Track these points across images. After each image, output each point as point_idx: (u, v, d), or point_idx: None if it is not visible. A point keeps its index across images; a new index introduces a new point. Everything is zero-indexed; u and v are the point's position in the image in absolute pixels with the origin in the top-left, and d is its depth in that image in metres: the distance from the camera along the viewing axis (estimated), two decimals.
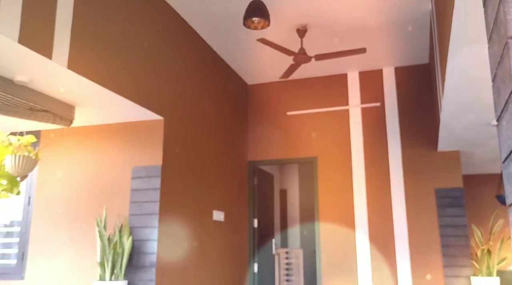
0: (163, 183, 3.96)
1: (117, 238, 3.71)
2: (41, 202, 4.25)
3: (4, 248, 4.36)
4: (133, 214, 3.90)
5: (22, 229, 4.28)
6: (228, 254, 5.20)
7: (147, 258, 3.78)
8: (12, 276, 4.17)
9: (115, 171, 4.09)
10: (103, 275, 3.63)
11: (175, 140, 4.25)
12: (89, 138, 4.26)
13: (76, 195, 4.16)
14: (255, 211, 5.94)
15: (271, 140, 6.09)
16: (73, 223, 4.09)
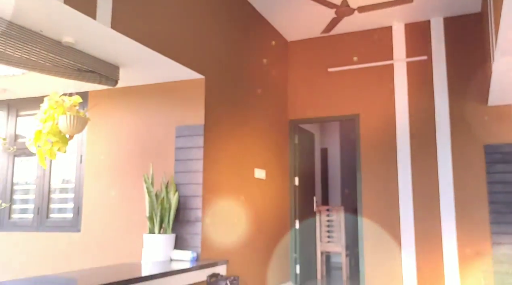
0: (206, 142, 4.04)
1: (164, 194, 3.87)
2: (92, 160, 4.46)
3: (61, 203, 4.67)
4: (178, 172, 4.03)
5: (76, 186, 4.54)
6: (270, 210, 5.31)
7: (193, 213, 3.93)
8: (69, 229, 4.48)
9: (160, 130, 4.20)
10: (152, 228, 3.83)
11: (216, 99, 4.28)
12: (134, 98, 4.37)
13: (123, 153, 4.34)
14: (296, 169, 5.98)
15: (312, 98, 6.01)
16: (122, 180, 4.28)
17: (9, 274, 4.41)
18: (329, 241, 6.29)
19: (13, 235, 4.69)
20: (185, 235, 3.91)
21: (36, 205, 4.70)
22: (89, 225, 4.35)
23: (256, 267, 4.80)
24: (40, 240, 4.53)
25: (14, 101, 4.84)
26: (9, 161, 4.83)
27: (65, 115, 3.02)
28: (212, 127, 4.17)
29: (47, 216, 4.64)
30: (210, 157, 4.09)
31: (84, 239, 4.33)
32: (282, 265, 5.52)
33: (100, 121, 4.44)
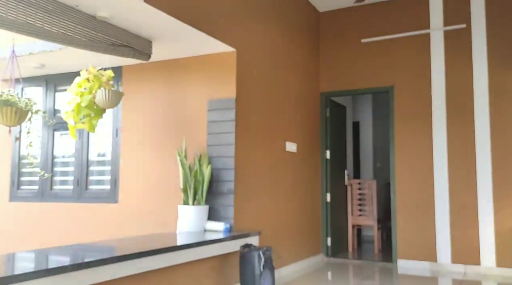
0: (237, 115, 4.05)
1: (197, 167, 3.94)
2: (127, 134, 4.58)
3: (98, 175, 4.84)
4: (210, 145, 4.09)
5: (113, 158, 4.69)
6: (301, 183, 5.33)
7: (225, 186, 4.00)
8: (107, 200, 4.65)
9: (192, 104, 4.24)
10: (186, 200, 3.93)
11: (247, 72, 4.26)
12: (166, 72, 4.41)
13: (157, 127, 4.42)
14: (328, 142, 5.94)
15: (344, 70, 5.89)
16: (156, 153, 4.39)
17: (52, 242, 4.65)
18: (360, 214, 6.28)
19: (54, 206, 4.93)
20: (218, 207, 3.99)
21: (76, 177, 4.90)
22: (126, 196, 4.50)
23: (288, 239, 4.87)
24: (80, 210, 4.74)
25: (52, 76, 4.98)
26: (49, 135, 5.02)
27: (102, 89, 3.09)
28: (244, 100, 4.17)
29: (86, 188, 4.83)
30: (241, 131, 4.12)
31: (121, 210, 4.50)
32: (313, 238, 5.57)
33: (134, 95, 4.52)
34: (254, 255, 3.46)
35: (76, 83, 3.02)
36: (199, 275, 3.40)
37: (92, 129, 3.03)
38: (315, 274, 4.91)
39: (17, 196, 5.18)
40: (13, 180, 5.21)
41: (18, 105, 2.99)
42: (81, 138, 4.88)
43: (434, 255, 5.15)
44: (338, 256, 5.80)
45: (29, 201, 5.08)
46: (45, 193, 5.05)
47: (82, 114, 2.96)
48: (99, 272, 2.46)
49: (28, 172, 5.24)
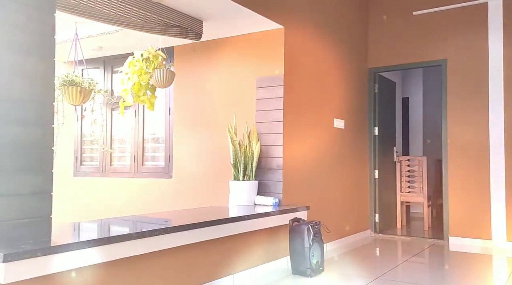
0: (285, 92, 4.10)
1: (246, 143, 4.06)
2: (179, 112, 4.76)
3: (153, 152, 5.10)
4: (259, 122, 4.18)
5: (166, 136, 4.91)
6: (348, 160, 5.33)
7: (274, 162, 4.10)
8: (162, 175, 4.90)
9: (241, 82, 4.33)
10: (236, 175, 4.07)
11: (295, 49, 4.28)
12: (216, 51, 4.52)
13: (208, 104, 4.57)
14: (376, 119, 5.86)
15: (394, 44, 5.73)
16: (207, 130, 4.55)
17: (112, 214, 4.99)
18: (409, 191, 6.20)
19: (114, 180, 5.25)
20: (268, 182, 4.11)
21: (132, 154, 5.18)
22: (180, 172, 4.72)
23: (335, 215, 4.92)
24: (137, 185, 5.03)
25: (109, 58, 5.24)
26: (107, 114, 5.32)
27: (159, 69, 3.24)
28: (292, 77, 4.21)
29: (142, 164, 5.10)
30: (289, 107, 4.17)
31: (175, 184, 4.73)
32: (360, 214, 5.59)
33: (185, 74, 4.67)
34: (303, 229, 3.56)
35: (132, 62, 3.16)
36: (250, 247, 3.55)
37: (151, 107, 3.19)
38: (363, 249, 4.96)
39: (80, 172, 5.56)
40: (76, 157, 5.60)
41: (82, 85, 3.20)
42: (136, 117, 5.13)
43: (488, 232, 5.02)
44: (386, 232, 5.79)
45: (91, 176, 5.45)
46: (105, 169, 5.38)
47: (142, 93, 3.13)
48: (160, 241, 2.65)
49: (89, 149, 5.60)
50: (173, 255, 2.85)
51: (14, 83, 2.11)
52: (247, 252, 3.52)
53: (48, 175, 2.25)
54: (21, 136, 2.13)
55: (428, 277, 3.88)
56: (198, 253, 3.06)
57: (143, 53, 3.08)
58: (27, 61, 2.16)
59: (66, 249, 2.14)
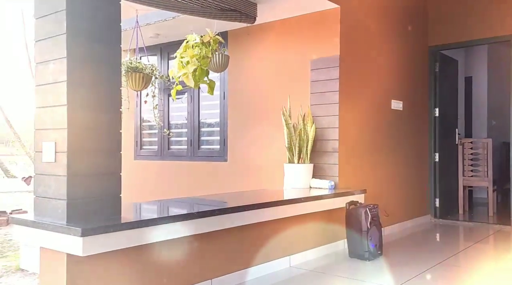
0: (341, 73, 4.01)
1: (301, 126, 4.03)
2: (233, 96, 4.81)
3: (208, 136, 5.21)
4: (314, 104, 4.13)
5: (221, 120, 4.99)
6: (407, 142, 5.15)
7: (330, 144, 4.04)
8: (217, 158, 5.01)
9: (295, 64, 4.29)
10: (291, 158, 4.07)
11: (351, 29, 4.16)
12: (269, 34, 4.50)
13: (262, 88, 4.57)
14: (437, 99, 5.59)
15: (456, 20, 5.40)
16: (261, 113, 4.56)
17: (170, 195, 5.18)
18: (473, 175, 5.89)
19: (171, 163, 5.44)
20: (323, 165, 4.07)
21: (189, 138, 5.33)
22: (234, 155, 4.79)
23: (393, 199, 4.79)
24: (193, 168, 5.18)
25: (165, 45, 5.38)
26: (165, 99, 5.48)
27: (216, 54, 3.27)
28: (348, 58, 4.10)
29: (198, 148, 5.24)
30: (345, 89, 4.08)
31: (230, 167, 4.81)
32: (420, 198, 5.41)
33: (239, 59, 4.70)
34: (360, 212, 3.51)
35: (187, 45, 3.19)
36: (306, 229, 3.56)
37: (211, 92, 3.25)
38: (422, 234, 4.81)
39: (140, 155, 5.82)
40: (136, 141, 5.85)
41: (144, 71, 3.32)
42: (192, 102, 5.26)
43: None
44: (447, 217, 5.57)
45: (150, 160, 5.68)
46: (163, 152, 5.59)
47: (203, 77, 3.19)
48: (218, 221, 2.72)
49: (148, 133, 5.83)
50: (230, 236, 2.92)
51: (85, 69, 2.23)
52: (302, 234, 3.53)
53: (117, 157, 2.37)
54: (93, 120, 2.26)
55: (494, 264, 3.70)
56: (255, 234, 3.11)
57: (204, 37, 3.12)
58: (96, 48, 2.27)
59: (136, 226, 2.26)
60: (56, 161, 2.21)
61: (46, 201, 2.26)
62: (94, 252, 2.10)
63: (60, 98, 2.19)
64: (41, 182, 2.30)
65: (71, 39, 2.17)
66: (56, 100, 2.21)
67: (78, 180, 2.20)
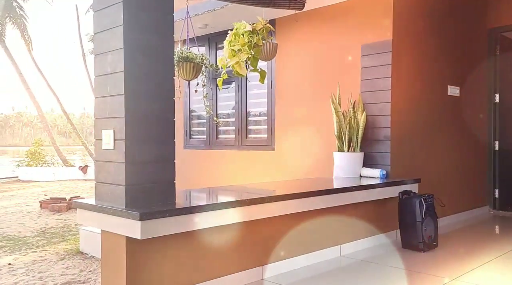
0: (394, 59, 3.88)
1: (351, 114, 3.95)
2: (281, 85, 4.79)
3: (256, 125, 5.23)
4: (365, 91, 4.03)
5: (268, 109, 4.99)
6: (464, 130, 4.91)
7: (381, 132, 3.93)
8: (265, 147, 5.02)
9: (344, 51, 4.20)
10: (341, 146, 4.00)
11: (404, 13, 3.99)
12: (318, 21, 4.42)
13: (310, 76, 4.52)
14: (497, 85, 5.28)
15: None
16: (309, 101, 4.51)
17: (217, 183, 5.27)
18: None
19: (219, 152, 5.52)
20: (374, 154, 3.97)
21: (236, 127, 5.37)
22: (282, 144, 4.78)
23: (449, 189, 4.59)
24: (241, 157, 5.23)
25: (213, 35, 5.43)
26: (213, 89, 5.55)
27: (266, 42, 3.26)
28: (400, 42, 3.95)
29: (246, 137, 5.27)
30: (398, 75, 3.94)
31: (278, 156, 4.81)
32: (477, 189, 5.15)
33: (287, 47, 4.65)
34: (415, 202, 3.40)
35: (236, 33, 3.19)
36: (357, 218, 3.50)
37: (262, 80, 3.25)
38: (480, 226, 4.59)
39: (189, 144, 5.95)
40: (186, 130, 5.98)
41: (195, 61, 3.37)
42: (240, 91, 5.29)
43: None
44: (507, 209, 5.28)
45: (199, 149, 5.80)
46: (211, 142, 5.68)
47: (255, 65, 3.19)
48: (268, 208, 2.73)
49: (196, 123, 5.94)
50: (279, 223, 2.92)
51: (141, 59, 2.30)
52: (353, 224, 3.48)
53: (171, 145, 2.43)
54: (148, 109, 2.33)
55: None
56: (304, 222, 3.10)
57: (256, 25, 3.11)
58: (151, 39, 2.33)
59: (191, 211, 2.32)
60: (115, 148, 2.30)
61: (105, 186, 2.36)
62: (151, 236, 2.17)
63: (117, 87, 2.27)
64: (101, 169, 2.40)
65: (128, 31, 2.24)
66: (114, 89, 2.30)
67: (135, 166, 2.27)
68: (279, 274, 2.88)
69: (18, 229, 7.43)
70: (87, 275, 4.66)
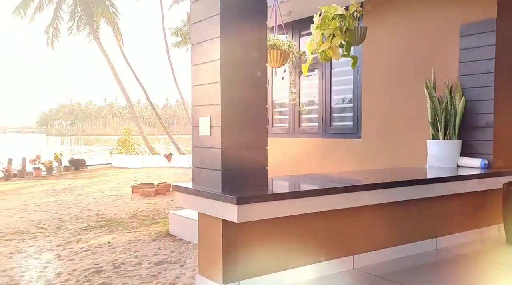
0: (498, 39, 3.54)
1: (447, 99, 3.69)
2: (368, 70, 4.61)
3: (340, 113, 5.11)
4: (464, 74, 3.74)
5: (354, 95, 4.84)
6: None
7: (483, 119, 3.63)
8: (350, 136, 4.89)
9: (440, 32, 3.92)
10: (435, 134, 3.76)
11: None
12: (410, 1, 4.17)
13: (401, 59, 4.29)
14: None
15: None
16: (400, 87, 4.30)
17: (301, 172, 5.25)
18: None
19: (302, 141, 5.49)
20: (473, 142, 3.69)
21: (320, 115, 5.30)
22: (369, 132, 4.63)
23: None
24: (325, 145, 5.15)
25: (297, 22, 5.38)
26: (296, 76, 5.52)
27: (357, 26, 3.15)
28: (506, 21, 3.59)
29: (330, 125, 5.18)
30: (503, 56, 3.59)
31: (364, 144, 4.66)
32: None
33: (375, 30, 4.46)
34: None
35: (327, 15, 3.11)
36: (454, 210, 3.28)
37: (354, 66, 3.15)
38: None
39: (272, 133, 5.99)
40: (268, 119, 6.03)
41: (282, 48, 3.36)
42: (323, 79, 5.20)
43: None
44: None
45: (281, 137, 5.82)
46: (294, 130, 5.67)
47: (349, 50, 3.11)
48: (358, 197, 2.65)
49: (279, 111, 5.96)
50: (371, 213, 2.83)
51: (236, 47, 2.34)
52: (450, 216, 3.26)
53: (263, 131, 2.46)
54: (243, 96, 2.37)
55: None
56: (397, 213, 2.97)
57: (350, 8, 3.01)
58: (246, 26, 2.36)
59: (283, 197, 2.33)
60: (211, 135, 2.37)
61: (202, 171, 2.46)
62: (247, 220, 2.22)
63: (214, 75, 2.33)
64: (198, 154, 2.50)
65: (224, 19, 2.28)
66: (211, 77, 2.36)
67: (230, 152, 2.33)
68: (371, 265, 2.80)
69: (114, 211, 8.08)
70: (177, 256, 4.94)
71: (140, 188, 10.22)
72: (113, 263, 4.70)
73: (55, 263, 4.78)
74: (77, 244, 5.60)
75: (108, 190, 11.37)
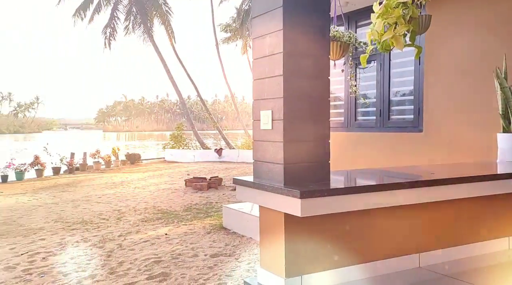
0: None
1: None
2: (431, 61, 4.40)
3: (399, 105, 4.92)
4: None
5: (415, 87, 4.64)
6: None
7: None
8: (410, 129, 4.70)
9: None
10: (507, 127, 3.52)
11: None
12: None
13: (465, 48, 4.06)
14: None
15: None
16: (465, 77, 4.07)
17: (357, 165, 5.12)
18: None
19: (358, 135, 5.36)
20: None
21: (378, 108, 5.13)
22: (431, 125, 4.42)
23: None
24: (383, 139, 4.99)
25: (353, 13, 5.24)
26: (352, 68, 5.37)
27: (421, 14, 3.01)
28: None
29: (388, 118, 5.01)
30: None
31: (426, 138, 4.46)
32: None
33: (438, 19, 4.24)
34: None
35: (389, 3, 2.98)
36: None
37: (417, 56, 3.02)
38: None
39: None
40: None
41: (342, 40, 3.28)
42: (382, 70, 5.03)
43: None
44: None
45: (336, 131, 5.70)
46: (349, 124, 5.54)
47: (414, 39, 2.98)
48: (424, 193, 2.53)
49: (334, 105, 5.84)
50: (437, 209, 2.70)
51: (299, 40, 2.30)
52: None
53: (326, 124, 2.41)
54: (305, 89, 2.32)
55: None
56: (465, 210, 2.81)
57: None
58: (308, 18, 2.31)
59: (347, 192, 2.27)
60: (273, 128, 2.35)
61: (264, 164, 2.44)
62: (310, 214, 2.18)
63: (276, 68, 2.31)
64: (259, 148, 2.49)
65: (287, 12, 2.25)
66: (272, 71, 2.34)
67: (293, 145, 2.30)
68: (438, 263, 2.67)
69: (169, 204, 8.33)
70: (231, 249, 5.00)
71: (193, 182, 10.45)
72: (171, 254, 4.84)
73: (117, 252, 5.00)
74: (136, 235, 5.83)
75: (162, 183, 11.74)
